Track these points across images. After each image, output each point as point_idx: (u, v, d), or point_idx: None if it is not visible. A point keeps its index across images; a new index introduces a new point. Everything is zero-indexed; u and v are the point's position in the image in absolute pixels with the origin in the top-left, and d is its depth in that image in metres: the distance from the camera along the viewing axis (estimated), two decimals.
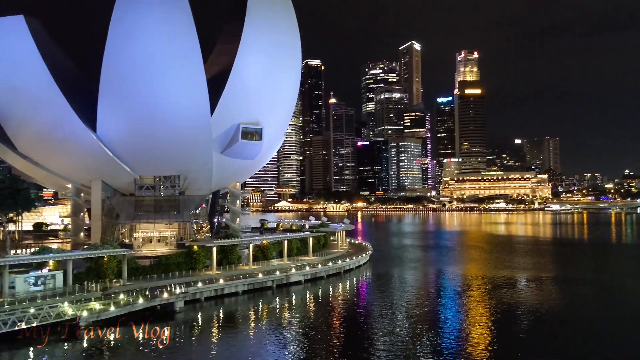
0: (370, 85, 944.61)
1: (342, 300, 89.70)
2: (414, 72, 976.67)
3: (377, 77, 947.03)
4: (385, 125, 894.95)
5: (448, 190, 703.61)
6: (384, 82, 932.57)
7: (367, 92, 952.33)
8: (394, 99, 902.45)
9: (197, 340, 65.84)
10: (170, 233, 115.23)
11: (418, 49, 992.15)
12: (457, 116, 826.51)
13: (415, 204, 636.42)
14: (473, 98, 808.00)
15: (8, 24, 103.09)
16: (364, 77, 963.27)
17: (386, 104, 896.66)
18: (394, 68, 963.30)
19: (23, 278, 75.78)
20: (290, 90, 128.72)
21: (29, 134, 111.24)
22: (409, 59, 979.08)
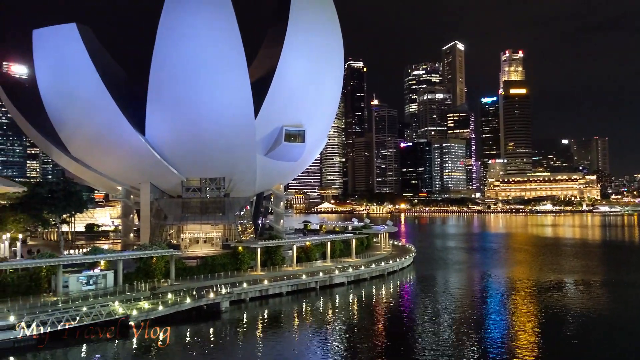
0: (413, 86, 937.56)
1: (386, 303, 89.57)
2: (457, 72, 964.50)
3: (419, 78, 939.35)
4: (428, 126, 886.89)
5: (493, 192, 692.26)
6: (427, 82, 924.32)
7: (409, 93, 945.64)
8: (437, 99, 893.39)
9: (243, 340, 66.84)
10: (215, 234, 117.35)
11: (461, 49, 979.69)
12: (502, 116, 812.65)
13: (459, 205, 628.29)
14: (518, 98, 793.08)
15: (62, 33, 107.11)
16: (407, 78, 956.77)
17: (429, 105, 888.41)
18: (437, 69, 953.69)
19: (76, 277, 78.24)
20: (332, 93, 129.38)
21: (81, 138, 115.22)
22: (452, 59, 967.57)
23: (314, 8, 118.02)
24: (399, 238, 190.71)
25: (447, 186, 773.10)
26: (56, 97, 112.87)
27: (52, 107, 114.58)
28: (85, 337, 63.38)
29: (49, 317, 61.84)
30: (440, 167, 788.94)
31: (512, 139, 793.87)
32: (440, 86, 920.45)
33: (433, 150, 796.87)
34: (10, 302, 69.21)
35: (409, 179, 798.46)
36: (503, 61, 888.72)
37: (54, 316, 62.39)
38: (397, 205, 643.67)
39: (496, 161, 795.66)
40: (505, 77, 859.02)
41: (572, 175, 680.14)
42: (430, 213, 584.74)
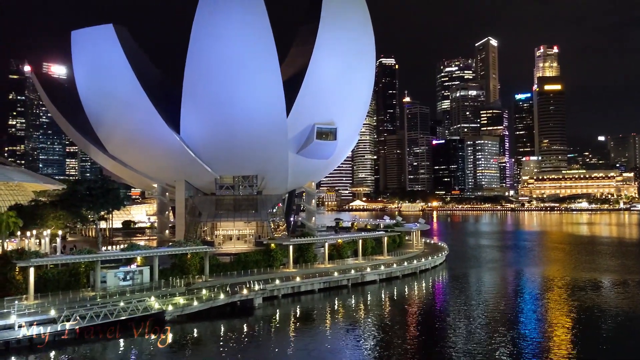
0: (446, 83, 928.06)
1: (418, 301, 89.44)
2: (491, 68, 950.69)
3: (452, 74, 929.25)
4: (461, 123, 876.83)
5: (527, 190, 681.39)
6: (460, 79, 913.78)
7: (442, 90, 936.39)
8: (470, 96, 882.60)
9: (276, 336, 67.57)
10: (248, 231, 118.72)
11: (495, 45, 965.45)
12: (536, 113, 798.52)
13: (493, 203, 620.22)
14: (553, 94, 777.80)
15: (99, 33, 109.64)
16: (439, 75, 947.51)
17: (462, 102, 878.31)
18: (469, 65, 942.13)
19: (113, 273, 79.80)
20: (364, 90, 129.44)
21: (118, 137, 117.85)
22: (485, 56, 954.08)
23: (346, 6, 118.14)
24: (431, 236, 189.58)
25: (480, 184, 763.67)
26: (94, 97, 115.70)
27: (90, 107, 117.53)
28: (123, 331, 64.82)
29: (88, 312, 63.45)
30: (473, 165, 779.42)
31: (546, 135, 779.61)
32: (473, 83, 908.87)
33: (466, 147, 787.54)
34: (51, 297, 71.03)
35: (441, 176, 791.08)
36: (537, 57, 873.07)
37: (93, 311, 63.95)
38: (430, 203, 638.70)
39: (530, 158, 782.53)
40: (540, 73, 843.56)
41: (609, 173, 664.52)
42: (463, 211, 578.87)
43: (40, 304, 67.04)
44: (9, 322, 60.01)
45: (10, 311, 62.02)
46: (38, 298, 69.90)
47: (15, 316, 60.85)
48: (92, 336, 62.17)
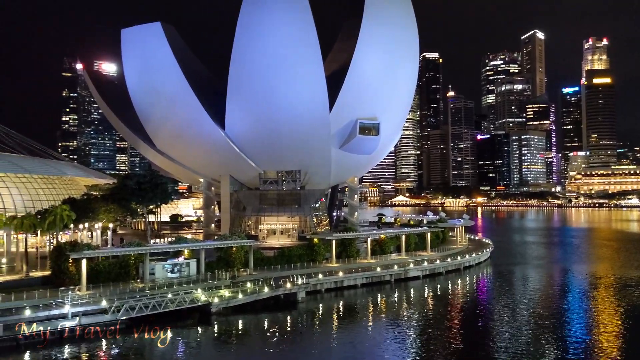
0: (491, 76, 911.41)
1: (462, 297, 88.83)
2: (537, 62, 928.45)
3: (497, 68, 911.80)
4: (506, 117, 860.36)
5: (574, 186, 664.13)
6: (505, 73, 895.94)
7: (487, 84, 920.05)
8: (515, 90, 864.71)
9: (319, 330, 68.25)
10: (292, 225, 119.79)
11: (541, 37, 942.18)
12: (584, 107, 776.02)
13: (539, 199, 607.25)
14: (602, 87, 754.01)
15: (148, 32, 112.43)
16: (484, 69, 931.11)
17: (507, 96, 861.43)
18: (515, 58, 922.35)
19: (162, 265, 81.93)
20: (407, 85, 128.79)
21: (166, 133, 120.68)
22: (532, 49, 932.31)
23: (389, 0, 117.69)
24: (476, 232, 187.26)
25: (526, 179, 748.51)
26: (143, 93, 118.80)
27: (139, 103, 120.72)
28: (170, 322, 66.42)
29: (137, 303, 65.31)
30: (518, 160, 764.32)
31: (595, 130, 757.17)
32: (519, 76, 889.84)
33: (511, 142, 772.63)
34: (102, 288, 73.24)
35: (486, 172, 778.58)
36: (586, 49, 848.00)
37: (142, 302, 65.82)
38: (474, 199, 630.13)
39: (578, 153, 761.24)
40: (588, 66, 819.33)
41: None
42: (508, 207, 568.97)
43: (92, 295, 69.31)
44: (63, 312, 62.56)
45: (64, 301, 64.39)
46: (90, 289, 72.35)
47: (69, 306, 63.29)
48: (141, 327, 63.70)
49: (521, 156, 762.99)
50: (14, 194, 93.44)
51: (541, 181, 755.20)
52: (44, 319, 61.20)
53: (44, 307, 63.92)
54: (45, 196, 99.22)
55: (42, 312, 62.35)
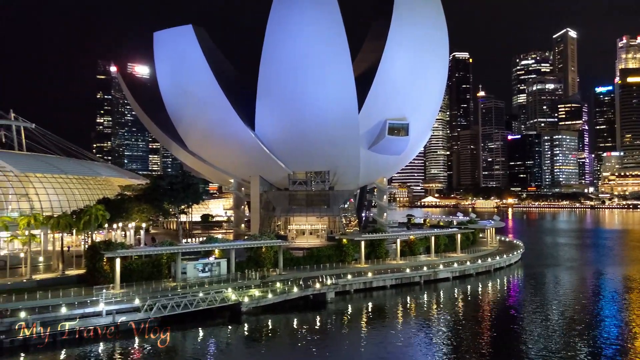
0: (522, 76, 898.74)
1: (492, 299, 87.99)
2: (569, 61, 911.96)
3: (528, 67, 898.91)
4: (537, 117, 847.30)
5: (608, 187, 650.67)
6: (537, 72, 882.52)
7: (518, 83, 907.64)
8: (547, 90, 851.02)
9: (348, 331, 68.26)
10: (321, 226, 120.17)
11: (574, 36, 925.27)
12: (618, 107, 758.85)
13: (571, 200, 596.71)
14: (636, 86, 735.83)
15: (179, 34, 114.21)
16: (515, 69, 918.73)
17: (539, 96, 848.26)
18: (547, 58, 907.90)
19: (193, 265, 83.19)
20: (437, 85, 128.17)
21: (197, 134, 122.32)
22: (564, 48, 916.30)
23: (418, 0, 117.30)
24: (506, 234, 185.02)
25: (557, 180, 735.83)
26: (174, 95, 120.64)
27: (171, 105, 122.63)
28: (201, 321, 67.46)
29: (169, 302, 66.22)
30: (550, 161, 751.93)
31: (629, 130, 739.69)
32: (551, 76, 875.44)
33: (543, 142, 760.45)
34: (135, 286, 74.61)
35: (517, 172, 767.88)
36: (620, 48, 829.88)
37: (174, 300, 66.74)
38: (505, 200, 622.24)
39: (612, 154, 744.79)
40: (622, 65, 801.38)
41: None
42: (540, 208, 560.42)
43: (126, 293, 70.69)
44: (97, 310, 64.02)
45: (98, 299, 65.82)
46: (123, 287, 73.82)
47: (104, 304, 64.68)
48: (173, 325, 64.73)
49: (553, 157, 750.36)
50: (51, 194, 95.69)
51: (573, 182, 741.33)
52: (79, 316, 62.59)
53: (79, 305, 65.39)
54: (81, 196, 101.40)
55: (78, 310, 63.80)
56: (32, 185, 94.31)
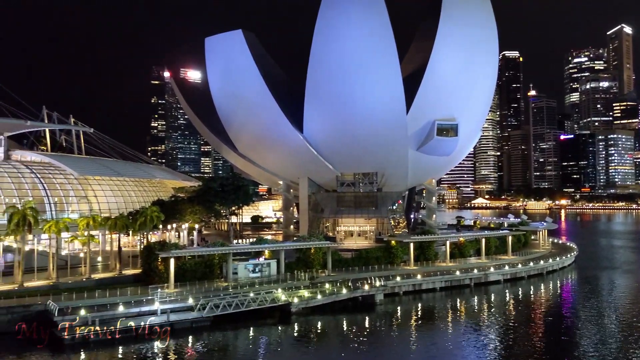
0: (574, 74, 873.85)
1: (545, 303, 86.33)
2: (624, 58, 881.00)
3: (581, 65, 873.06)
4: (591, 116, 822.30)
5: None
6: (590, 70, 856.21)
7: (570, 82, 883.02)
8: (601, 88, 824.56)
9: (397, 333, 68.12)
10: (369, 227, 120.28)
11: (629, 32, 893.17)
12: None
13: (628, 201, 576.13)
14: None
15: (230, 39, 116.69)
16: (567, 67, 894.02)
17: (592, 94, 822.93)
18: (601, 55, 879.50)
19: (244, 265, 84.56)
20: (486, 85, 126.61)
21: (247, 136, 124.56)
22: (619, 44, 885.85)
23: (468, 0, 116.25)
24: (559, 236, 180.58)
25: (613, 181, 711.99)
26: (225, 99, 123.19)
27: (222, 108, 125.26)
28: (252, 321, 68.54)
29: (221, 301, 67.62)
30: (605, 161, 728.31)
31: None
32: (605, 74, 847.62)
33: (597, 142, 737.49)
34: (189, 286, 76.37)
35: (569, 173, 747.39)
36: None
37: (225, 300, 68.10)
38: (557, 201, 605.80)
39: None
40: None
41: None
42: (594, 209, 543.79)
43: (179, 293, 72.46)
44: (152, 308, 65.76)
45: (154, 298, 67.80)
46: (177, 287, 75.63)
47: (158, 303, 66.54)
48: (225, 324, 66.15)
49: (608, 156, 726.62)
50: (108, 196, 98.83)
51: (630, 182, 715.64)
52: (135, 315, 64.55)
53: (136, 303, 67.28)
54: (137, 198, 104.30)
55: (134, 308, 65.73)
56: (91, 187, 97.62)
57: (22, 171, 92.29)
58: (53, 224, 76.48)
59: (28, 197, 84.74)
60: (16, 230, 72.27)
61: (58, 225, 76.56)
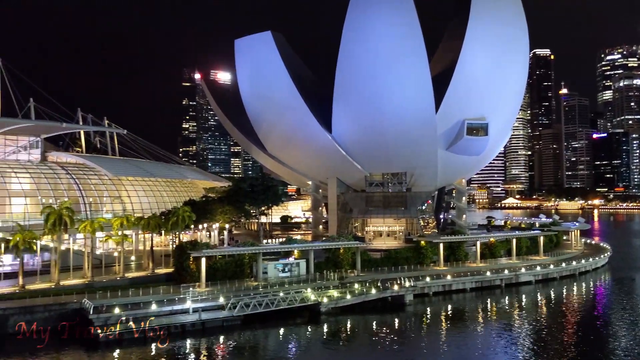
0: (607, 72, 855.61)
1: (577, 304, 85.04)
2: None
3: (615, 63, 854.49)
4: (625, 115, 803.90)
5: None
6: (624, 67, 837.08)
7: (603, 79, 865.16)
8: (635, 85, 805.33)
9: (427, 334, 68.17)
10: (398, 228, 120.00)
11: None
12: None
13: None
14: None
15: (259, 41, 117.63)
16: (600, 64, 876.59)
17: (626, 92, 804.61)
18: (635, 52, 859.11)
19: (273, 265, 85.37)
20: (517, 84, 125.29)
21: (276, 137, 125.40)
22: None
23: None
24: (592, 236, 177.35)
25: None
26: (254, 100, 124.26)
27: (251, 109, 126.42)
28: (282, 320, 69.12)
29: (252, 300, 68.32)
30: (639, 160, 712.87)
31: None
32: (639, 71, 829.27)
33: (631, 141, 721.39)
34: (219, 285, 77.41)
35: (602, 172, 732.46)
36: None
37: (256, 299, 68.81)
38: (590, 201, 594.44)
39: None
40: None
41: None
42: (628, 209, 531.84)
43: (210, 292, 73.61)
44: (184, 307, 66.82)
45: (186, 297, 68.71)
46: (208, 286, 76.72)
47: (190, 302, 67.46)
48: (255, 323, 66.87)
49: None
50: (141, 196, 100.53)
51: None
52: (168, 313, 65.72)
53: (168, 302, 68.40)
54: (168, 198, 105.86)
55: (166, 307, 66.89)
56: (124, 188, 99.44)
57: (58, 172, 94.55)
58: (88, 223, 78.21)
59: (64, 198, 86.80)
60: (53, 230, 74.14)
61: (93, 225, 78.28)
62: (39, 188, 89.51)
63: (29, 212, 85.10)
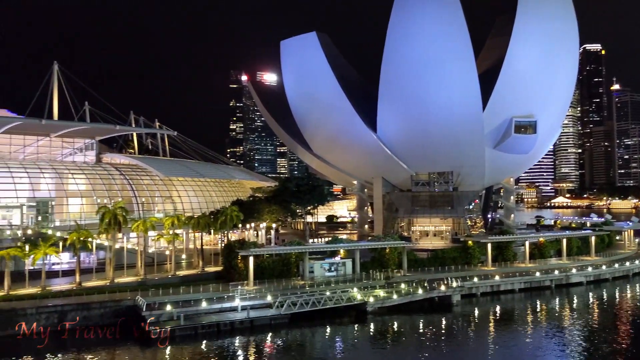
0: None
1: (631, 306, 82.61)
2: None
3: None
4: None
5: None
6: None
7: None
8: None
9: (475, 335, 67.53)
10: (445, 227, 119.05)
11: None
12: None
13: None
14: None
15: (304, 41, 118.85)
16: None
17: None
18: None
19: (320, 264, 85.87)
20: (566, 80, 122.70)
21: (321, 137, 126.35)
22: None
23: None
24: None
25: None
26: (300, 101, 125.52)
27: (297, 110, 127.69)
28: (328, 319, 69.45)
29: (298, 299, 69.01)
30: None
31: None
32: None
33: None
34: (267, 284, 78.46)
35: None
36: None
37: (302, 298, 69.44)
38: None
39: None
40: None
41: None
42: None
43: (258, 290, 74.74)
44: (233, 305, 68.08)
45: (234, 295, 70.14)
46: (256, 284, 77.81)
47: (239, 300, 68.75)
48: (302, 322, 67.51)
49: None
50: (191, 196, 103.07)
51: None
52: (217, 311, 67.16)
53: (217, 300, 69.83)
54: (217, 198, 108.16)
55: (216, 304, 68.31)
56: (175, 188, 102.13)
57: (112, 173, 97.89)
58: (141, 223, 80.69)
59: (118, 198, 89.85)
60: (108, 229, 76.82)
61: (145, 224, 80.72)
62: (94, 189, 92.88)
63: (85, 212, 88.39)
